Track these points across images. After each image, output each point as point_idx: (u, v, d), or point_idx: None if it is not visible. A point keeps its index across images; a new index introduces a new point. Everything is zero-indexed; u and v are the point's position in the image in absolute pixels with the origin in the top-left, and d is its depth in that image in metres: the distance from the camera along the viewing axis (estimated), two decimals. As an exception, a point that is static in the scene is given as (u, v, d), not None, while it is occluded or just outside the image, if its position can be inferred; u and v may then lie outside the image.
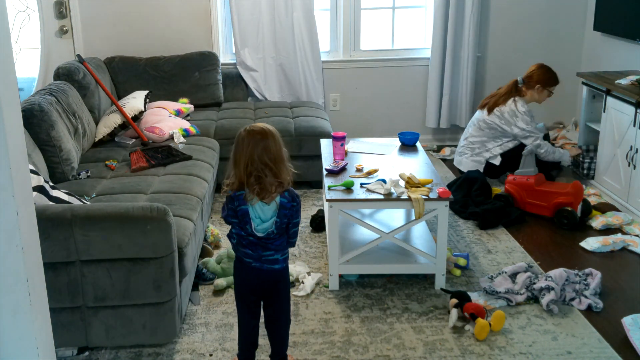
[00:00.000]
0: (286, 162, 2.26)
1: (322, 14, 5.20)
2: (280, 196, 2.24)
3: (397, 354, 2.63)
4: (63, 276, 2.44)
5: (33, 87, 4.66)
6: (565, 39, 5.27)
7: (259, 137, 2.20)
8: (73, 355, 2.64)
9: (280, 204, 2.24)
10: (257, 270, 2.33)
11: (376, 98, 5.34)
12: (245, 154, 2.20)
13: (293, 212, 2.28)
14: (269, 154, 2.20)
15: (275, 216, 2.25)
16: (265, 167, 2.18)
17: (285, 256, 2.38)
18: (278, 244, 2.32)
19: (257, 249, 2.30)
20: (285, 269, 2.42)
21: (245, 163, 2.19)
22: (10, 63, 1.65)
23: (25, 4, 4.58)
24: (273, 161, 2.20)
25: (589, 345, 2.66)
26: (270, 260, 2.32)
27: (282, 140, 2.30)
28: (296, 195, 2.30)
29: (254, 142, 2.19)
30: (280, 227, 2.28)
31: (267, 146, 2.20)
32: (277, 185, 2.21)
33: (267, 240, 2.29)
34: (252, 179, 2.18)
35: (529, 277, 3.03)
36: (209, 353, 2.65)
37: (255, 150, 2.18)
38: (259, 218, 2.24)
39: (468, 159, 4.46)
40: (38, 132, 3.29)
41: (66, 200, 2.70)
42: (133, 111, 4.11)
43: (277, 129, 4.51)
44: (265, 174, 2.18)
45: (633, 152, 3.82)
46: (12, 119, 1.65)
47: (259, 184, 2.18)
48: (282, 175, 2.22)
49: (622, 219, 3.77)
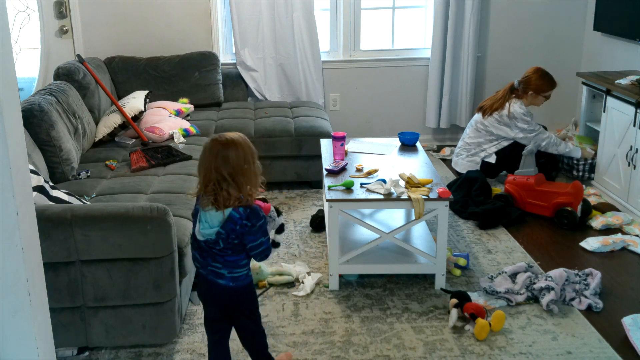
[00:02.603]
0: (252, 177, 2.11)
1: (322, 14, 5.20)
2: (233, 209, 2.08)
3: (397, 354, 2.63)
4: (63, 276, 2.44)
5: (33, 87, 4.66)
6: (565, 39, 5.27)
7: (219, 147, 2.08)
8: (73, 355, 2.64)
9: (229, 216, 2.08)
10: (204, 278, 2.24)
11: (376, 98, 5.34)
12: (204, 163, 2.11)
13: (244, 231, 2.09)
14: (227, 166, 2.07)
15: (219, 227, 2.09)
16: (222, 179, 2.06)
17: (235, 275, 2.18)
18: (230, 259, 2.16)
19: (206, 257, 2.18)
20: (235, 289, 2.20)
21: (204, 172, 2.11)
22: (10, 63, 1.65)
23: (25, 4, 4.58)
24: (231, 174, 2.06)
25: (589, 345, 2.66)
26: (215, 273, 2.18)
27: (253, 149, 2.18)
28: (256, 217, 2.10)
29: (214, 152, 2.08)
30: (226, 241, 2.11)
31: (227, 157, 2.07)
32: (235, 199, 2.07)
33: (217, 251, 2.14)
34: (209, 189, 2.09)
35: (529, 277, 3.03)
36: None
37: (214, 160, 2.07)
38: (206, 222, 2.12)
39: (464, 159, 4.48)
40: (38, 132, 3.29)
41: (66, 200, 2.70)
42: (133, 111, 4.11)
43: (277, 129, 4.53)
44: (221, 186, 2.06)
45: (633, 152, 3.82)
46: (12, 119, 1.65)
47: (214, 195, 2.08)
48: (243, 189, 2.08)
49: (622, 219, 3.77)
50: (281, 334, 2.77)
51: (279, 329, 2.80)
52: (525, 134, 4.25)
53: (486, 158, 4.39)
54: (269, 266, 3.28)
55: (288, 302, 3.01)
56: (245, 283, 2.23)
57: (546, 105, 5.39)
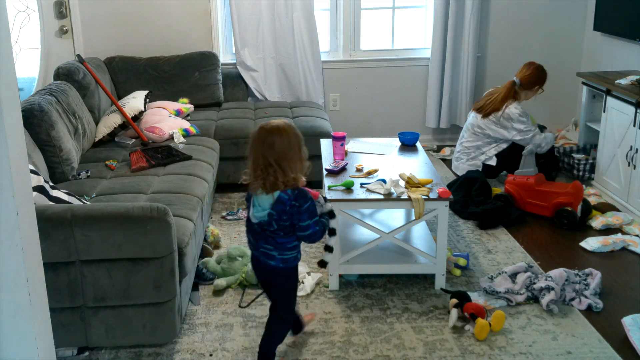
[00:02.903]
0: (297, 162, 2.24)
1: (322, 14, 5.20)
2: (282, 191, 2.23)
3: (397, 354, 2.63)
4: (63, 276, 2.44)
5: (33, 87, 4.66)
6: (565, 39, 5.27)
7: (265, 134, 2.23)
8: (73, 355, 2.64)
9: (278, 197, 2.24)
10: (256, 258, 2.42)
11: (376, 98, 5.35)
12: (252, 149, 2.25)
13: (294, 212, 2.24)
14: (273, 152, 2.20)
15: (270, 208, 2.25)
16: (269, 165, 2.20)
17: (285, 257, 2.35)
18: (280, 241, 2.31)
19: (258, 239, 2.35)
20: (284, 270, 2.37)
21: (252, 158, 2.25)
22: (10, 63, 1.65)
23: (25, 4, 4.59)
24: (277, 160, 2.20)
25: (589, 345, 2.66)
26: (266, 254, 2.35)
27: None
28: (303, 198, 2.24)
29: (261, 139, 2.23)
30: (278, 222, 2.26)
31: (272, 144, 2.21)
32: (282, 183, 2.22)
33: (269, 233, 2.30)
34: (258, 174, 2.23)
35: (529, 277, 3.03)
36: (209, 353, 2.65)
37: (261, 147, 2.22)
38: (259, 205, 2.28)
39: (464, 163, 4.48)
40: (38, 132, 3.29)
41: (66, 200, 2.70)
42: (133, 111, 4.11)
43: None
44: (268, 172, 2.20)
45: (633, 152, 3.82)
46: (12, 119, 1.65)
47: (262, 180, 2.22)
48: (288, 174, 2.22)
49: (622, 219, 3.77)
50: (281, 334, 2.77)
51: (279, 329, 2.80)
52: (522, 135, 4.25)
53: (487, 161, 4.39)
54: (269, 266, 3.28)
55: (288, 302, 3.01)
56: (293, 265, 2.39)
57: (546, 105, 5.40)
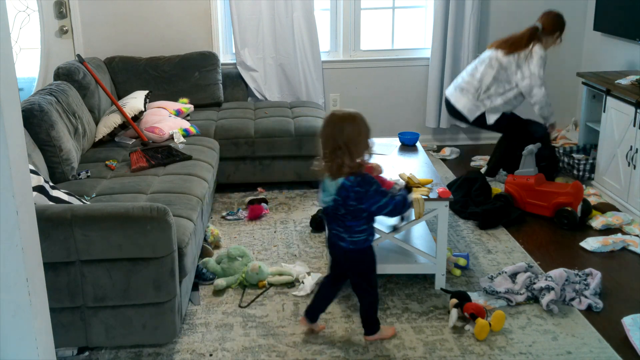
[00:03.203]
0: (363, 149, 2.37)
1: (322, 14, 5.20)
2: (345, 178, 2.36)
3: (397, 354, 2.63)
4: (63, 276, 2.44)
5: (33, 87, 4.66)
6: (565, 39, 5.24)
7: (337, 119, 2.38)
8: (73, 355, 2.64)
9: (341, 184, 2.37)
10: (329, 239, 2.59)
11: (376, 98, 5.34)
12: (324, 132, 2.40)
13: (361, 197, 2.37)
14: (343, 136, 2.33)
15: (335, 194, 2.39)
16: (338, 148, 2.34)
17: (355, 239, 2.48)
18: (349, 224, 2.46)
19: (331, 222, 2.52)
20: (354, 251, 2.51)
21: (323, 140, 2.40)
22: (10, 63, 1.65)
23: (25, 4, 4.59)
24: (346, 143, 2.33)
25: (589, 345, 2.66)
26: (337, 236, 2.51)
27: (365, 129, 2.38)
28: (367, 183, 2.38)
29: (333, 123, 2.38)
30: (344, 207, 2.41)
31: (342, 128, 2.34)
32: (347, 167, 2.35)
33: (340, 216, 2.45)
34: (327, 154, 2.38)
35: (529, 277, 3.03)
36: (209, 353, 2.65)
37: (332, 130, 2.37)
38: (326, 190, 2.44)
39: (469, 99, 4.28)
40: (38, 132, 3.29)
41: (66, 200, 2.69)
42: (133, 111, 4.11)
43: (277, 129, 4.53)
44: (336, 154, 2.34)
45: (633, 152, 3.82)
46: (12, 119, 1.65)
47: (331, 162, 2.37)
48: (354, 159, 2.35)
49: (622, 219, 3.77)
50: (281, 334, 2.77)
51: (279, 329, 2.80)
52: (531, 81, 4.11)
53: (489, 112, 4.25)
54: (269, 266, 3.28)
55: (288, 302, 3.01)
56: (364, 247, 2.53)
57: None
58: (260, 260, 3.40)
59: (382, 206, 2.42)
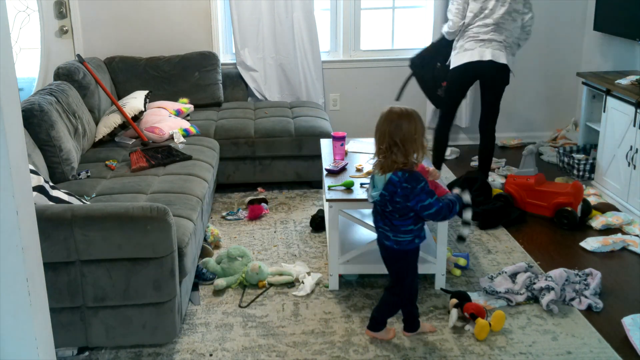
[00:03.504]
0: (419, 147, 2.38)
1: (322, 14, 5.20)
2: (393, 173, 2.38)
3: (397, 354, 2.63)
4: (63, 276, 2.44)
5: (33, 87, 4.66)
6: (565, 39, 5.27)
7: (395, 116, 2.39)
8: (73, 355, 2.64)
9: (389, 179, 2.38)
10: (378, 237, 2.60)
11: (376, 98, 5.34)
12: (380, 128, 2.42)
13: (407, 194, 2.37)
14: (400, 133, 2.35)
15: (382, 189, 2.40)
16: (394, 144, 2.36)
17: (399, 239, 2.48)
18: (395, 223, 2.46)
19: (378, 220, 2.53)
20: (398, 251, 2.51)
21: (378, 136, 2.41)
22: (10, 63, 1.65)
23: (25, 4, 4.58)
24: (402, 141, 2.35)
25: (589, 345, 2.66)
26: (383, 234, 2.53)
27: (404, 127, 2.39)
28: (415, 180, 2.37)
29: (389, 120, 2.40)
30: (392, 203, 2.41)
31: (400, 125, 2.36)
32: (401, 164, 2.36)
33: (387, 214, 2.46)
34: (381, 152, 2.40)
35: (529, 277, 3.03)
36: (209, 353, 2.65)
37: (388, 127, 2.38)
38: (375, 185, 2.46)
39: (507, 54, 3.95)
40: (38, 132, 3.29)
41: (66, 200, 2.70)
42: (133, 111, 4.11)
43: (277, 129, 4.53)
44: (392, 150, 2.36)
45: (633, 152, 3.82)
46: (12, 119, 1.65)
47: (384, 158, 2.39)
48: (410, 157, 2.37)
49: (622, 219, 3.77)
50: (281, 334, 2.77)
51: (279, 329, 2.80)
52: (530, 15, 3.95)
53: (510, 62, 3.98)
54: (269, 266, 3.28)
55: (288, 302, 3.02)
56: (408, 248, 2.52)
57: (546, 105, 5.41)
58: (260, 260, 3.40)
59: (426, 206, 2.38)
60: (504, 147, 5.38)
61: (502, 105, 5.52)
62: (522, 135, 5.46)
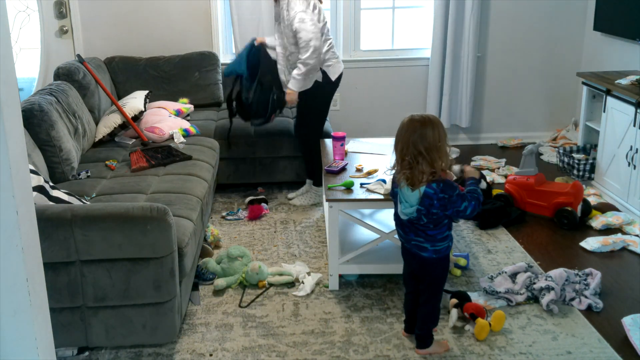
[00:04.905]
0: (443, 154, 2.31)
1: (322, 14, 5.19)
2: (426, 186, 2.30)
3: (397, 354, 2.63)
4: (63, 276, 2.44)
5: (33, 87, 4.66)
6: (565, 39, 5.27)
7: (417, 124, 2.30)
8: (73, 355, 2.64)
9: (424, 193, 2.30)
10: (407, 250, 2.52)
11: (376, 98, 5.34)
12: (402, 138, 2.33)
13: (445, 203, 2.31)
14: (425, 141, 2.28)
15: (418, 204, 2.32)
16: (418, 154, 2.28)
17: (438, 247, 2.42)
18: (431, 234, 2.40)
19: (408, 232, 2.45)
20: (436, 260, 2.45)
21: (401, 147, 2.33)
22: (10, 63, 1.65)
23: (25, 4, 4.59)
24: (427, 149, 2.28)
25: (589, 345, 2.66)
26: (418, 246, 2.44)
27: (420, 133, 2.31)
28: (451, 188, 2.31)
29: (412, 129, 2.31)
30: (428, 216, 2.34)
31: (424, 134, 2.28)
32: (428, 174, 2.29)
33: (419, 227, 2.39)
34: (405, 163, 2.32)
35: (529, 277, 3.03)
36: (209, 353, 2.65)
37: (411, 136, 2.30)
38: (406, 201, 2.37)
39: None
40: (38, 132, 3.29)
41: (66, 200, 2.70)
42: (133, 111, 4.11)
43: (277, 129, 4.51)
44: (417, 160, 2.28)
45: (633, 152, 3.82)
46: (12, 119, 1.65)
47: (409, 169, 2.31)
48: (436, 165, 2.29)
49: (622, 219, 3.77)
50: (281, 334, 2.77)
51: (279, 329, 2.80)
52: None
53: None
54: (269, 266, 3.28)
55: (288, 302, 3.01)
56: (446, 254, 2.47)
57: (546, 105, 5.41)
58: (260, 260, 3.40)
59: (461, 210, 2.34)
60: (504, 147, 5.38)
61: (502, 105, 5.56)
62: (522, 135, 5.46)
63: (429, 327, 2.60)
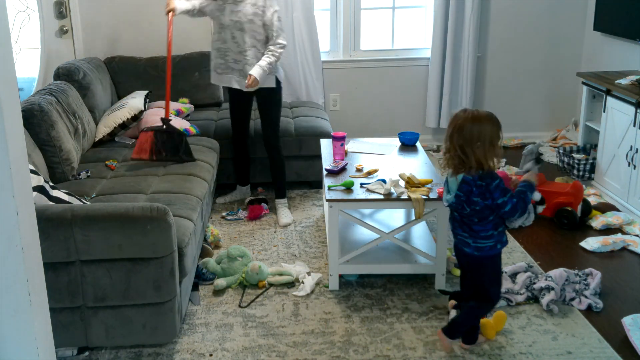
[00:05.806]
0: (487, 147, 2.35)
1: (322, 14, 5.20)
2: (465, 173, 2.37)
3: (397, 354, 2.63)
4: (63, 276, 2.44)
5: (33, 87, 4.65)
6: (565, 39, 5.27)
7: (460, 120, 2.37)
8: (73, 355, 2.64)
9: (462, 179, 2.38)
10: (455, 244, 2.58)
11: (376, 98, 5.34)
12: (448, 131, 2.42)
13: (483, 191, 2.34)
14: (460, 137, 2.35)
15: (457, 190, 2.39)
16: (458, 147, 2.36)
17: (480, 245, 2.44)
18: (475, 229, 2.43)
19: (457, 227, 2.51)
20: (479, 258, 2.47)
21: (456, 139, 2.39)
22: (10, 63, 1.65)
23: (25, 4, 4.58)
24: (465, 143, 2.34)
25: (589, 345, 2.66)
26: (462, 241, 2.49)
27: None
28: (490, 177, 2.35)
29: (454, 123, 2.40)
30: (470, 206, 2.38)
31: (463, 128, 2.35)
32: (473, 167, 2.35)
33: (466, 220, 2.43)
34: (451, 154, 2.40)
35: (529, 277, 3.03)
36: (209, 353, 2.65)
37: (454, 130, 2.38)
38: (451, 189, 2.45)
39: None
40: (38, 132, 3.29)
41: (66, 200, 2.69)
42: (133, 111, 4.11)
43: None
44: (466, 153, 2.35)
45: (633, 152, 3.82)
46: (12, 119, 1.65)
47: (453, 160, 2.39)
48: (476, 157, 2.34)
49: (622, 219, 3.77)
50: (281, 334, 2.77)
51: (279, 329, 2.80)
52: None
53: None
54: (269, 266, 3.28)
55: (288, 302, 3.02)
56: (490, 254, 2.48)
57: (546, 105, 5.41)
58: (260, 260, 3.40)
59: (499, 205, 2.35)
60: (504, 147, 5.37)
61: (502, 105, 5.55)
62: (522, 135, 5.46)
63: (474, 324, 2.61)
